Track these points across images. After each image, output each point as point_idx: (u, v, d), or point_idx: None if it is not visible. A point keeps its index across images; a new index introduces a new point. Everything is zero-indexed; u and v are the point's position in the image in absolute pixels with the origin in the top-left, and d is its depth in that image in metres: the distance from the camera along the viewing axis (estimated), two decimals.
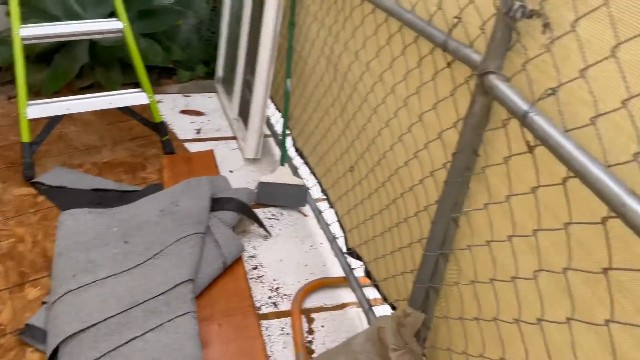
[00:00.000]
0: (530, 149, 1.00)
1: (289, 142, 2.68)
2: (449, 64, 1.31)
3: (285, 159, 2.54)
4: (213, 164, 2.64)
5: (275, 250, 2.17)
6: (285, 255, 2.16)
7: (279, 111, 2.95)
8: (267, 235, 2.24)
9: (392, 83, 1.60)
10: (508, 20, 1.02)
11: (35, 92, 3.09)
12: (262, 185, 2.43)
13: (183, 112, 3.17)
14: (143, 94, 2.56)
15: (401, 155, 1.59)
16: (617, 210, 0.75)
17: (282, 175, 2.46)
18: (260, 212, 2.37)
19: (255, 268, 2.09)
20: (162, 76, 3.54)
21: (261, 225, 2.23)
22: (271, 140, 2.96)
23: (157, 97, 3.27)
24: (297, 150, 2.64)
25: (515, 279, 1.07)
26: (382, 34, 1.64)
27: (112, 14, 2.52)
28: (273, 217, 2.38)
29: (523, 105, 0.97)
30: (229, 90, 3.22)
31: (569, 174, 0.88)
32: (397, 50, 1.55)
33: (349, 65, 1.91)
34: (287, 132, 2.63)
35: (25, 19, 2.99)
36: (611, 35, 0.82)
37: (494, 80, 1.07)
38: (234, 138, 2.94)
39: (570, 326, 0.93)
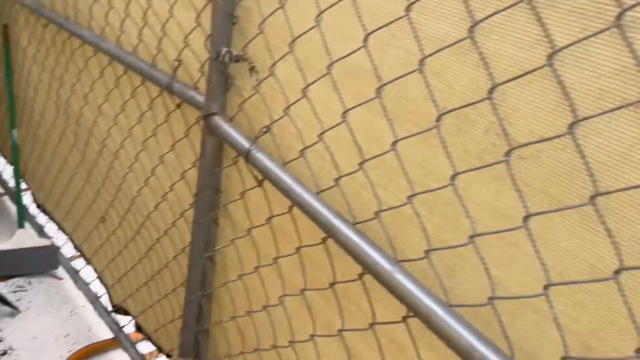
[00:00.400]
0: (259, 183, 1.06)
1: (27, 198, 2.35)
2: (178, 106, 1.31)
3: (24, 218, 2.21)
4: None
5: (27, 327, 1.87)
6: (41, 329, 1.88)
7: (12, 165, 2.57)
8: (14, 311, 1.92)
9: (127, 126, 1.54)
10: (219, 64, 1.07)
11: None
12: None
13: None
14: None
15: (150, 199, 1.53)
16: (329, 231, 0.84)
17: (24, 239, 2.14)
18: (1, 287, 2.01)
19: (4, 354, 1.76)
20: None
21: (4, 301, 1.90)
22: (6, 199, 2.56)
23: None
24: (39, 206, 2.33)
25: (267, 308, 1.13)
26: (110, 77, 1.56)
27: None
28: (20, 289, 2.05)
29: (245, 144, 1.02)
30: None
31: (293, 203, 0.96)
32: (127, 93, 1.49)
33: (79, 110, 1.77)
34: (24, 187, 2.31)
35: None
36: (300, 78, 0.93)
37: (218, 121, 1.11)
38: None
39: (315, 341, 1.01)
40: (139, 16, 1.34)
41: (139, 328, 1.79)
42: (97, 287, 1.97)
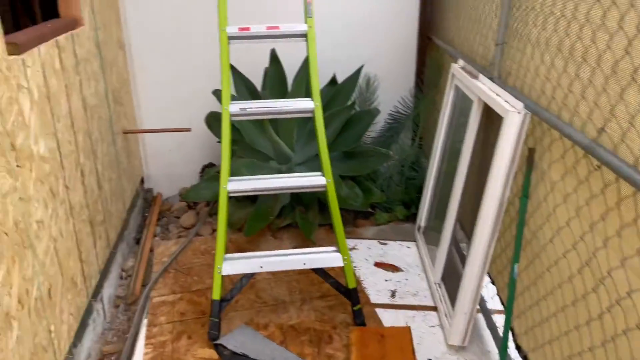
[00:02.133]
0: None
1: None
2: None
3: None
4: (409, 347, 2.20)
5: None
6: None
7: (493, 283, 2.42)
8: None
9: None
10: None
11: (238, 229, 3.10)
12: None
13: (377, 265, 2.85)
14: (338, 255, 2.30)
15: None
16: None
17: None
18: None
19: None
20: (358, 216, 3.33)
21: None
22: (480, 318, 2.42)
23: (351, 242, 3.03)
24: (518, 348, 2.05)
25: None
26: None
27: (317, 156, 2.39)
28: None
29: None
30: (431, 243, 2.82)
31: None
32: None
33: (618, 281, 1.34)
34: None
35: (239, 156, 3.07)
36: None
37: None
38: (434, 309, 2.48)
39: None
40: None
41: None
42: None
